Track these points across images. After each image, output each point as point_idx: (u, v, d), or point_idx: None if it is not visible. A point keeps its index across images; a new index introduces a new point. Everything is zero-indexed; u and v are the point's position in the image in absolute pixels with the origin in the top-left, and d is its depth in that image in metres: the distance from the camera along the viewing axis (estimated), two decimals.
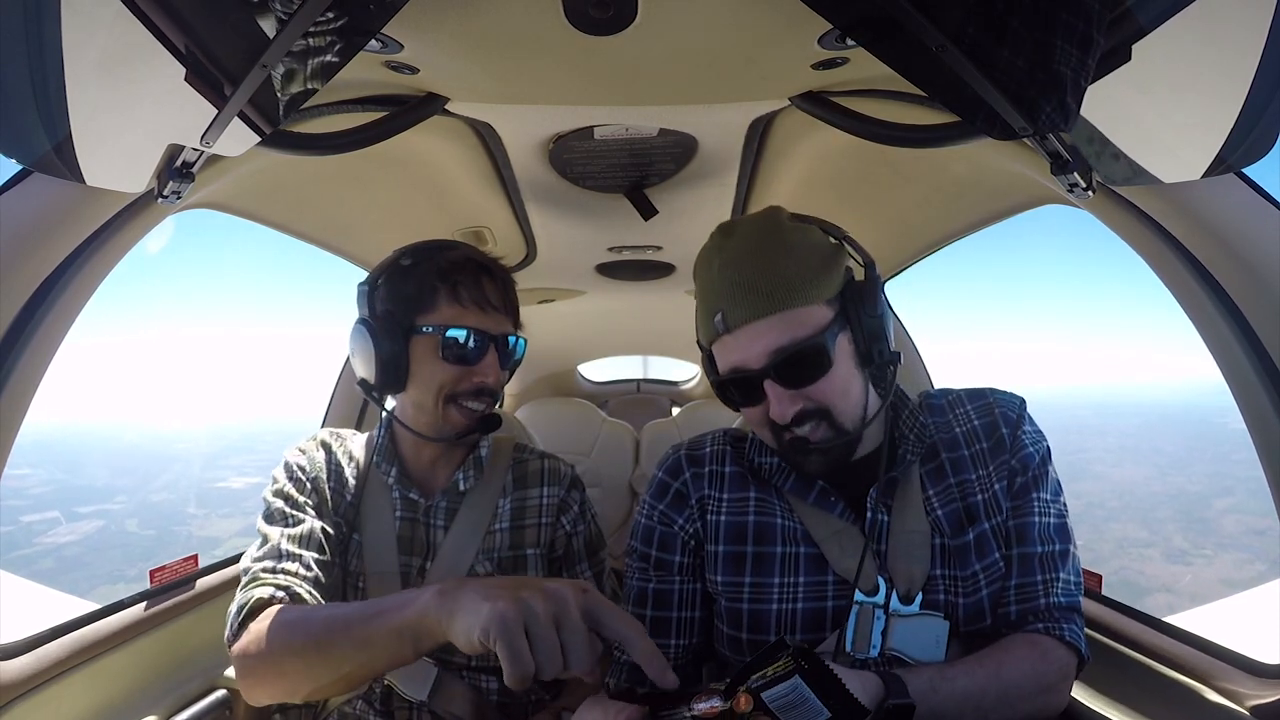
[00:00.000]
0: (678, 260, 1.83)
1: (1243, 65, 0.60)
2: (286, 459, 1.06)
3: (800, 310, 0.83)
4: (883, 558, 0.89)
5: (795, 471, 0.93)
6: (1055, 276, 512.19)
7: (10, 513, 63.65)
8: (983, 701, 0.79)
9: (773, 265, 0.83)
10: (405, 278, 1.03)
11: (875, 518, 0.90)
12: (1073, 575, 0.91)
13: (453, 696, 1.02)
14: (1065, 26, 0.60)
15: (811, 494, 0.93)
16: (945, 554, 0.89)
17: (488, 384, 1.03)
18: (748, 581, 0.92)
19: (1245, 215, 0.82)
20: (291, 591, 0.89)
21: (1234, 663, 0.91)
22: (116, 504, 75.57)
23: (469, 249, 1.08)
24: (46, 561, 55.48)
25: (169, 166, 0.85)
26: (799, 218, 0.90)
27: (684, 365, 3.65)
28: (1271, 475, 0.84)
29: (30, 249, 0.81)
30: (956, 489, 0.92)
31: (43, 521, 63.74)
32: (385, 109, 0.95)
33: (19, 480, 74.98)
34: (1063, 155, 0.84)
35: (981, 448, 0.94)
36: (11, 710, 0.90)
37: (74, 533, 62.14)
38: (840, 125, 0.96)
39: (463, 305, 1.01)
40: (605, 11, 0.72)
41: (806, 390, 0.84)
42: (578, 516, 1.15)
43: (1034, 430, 0.95)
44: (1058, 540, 0.91)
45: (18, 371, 0.82)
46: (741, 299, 0.83)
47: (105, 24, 0.60)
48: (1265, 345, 0.83)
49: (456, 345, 1.00)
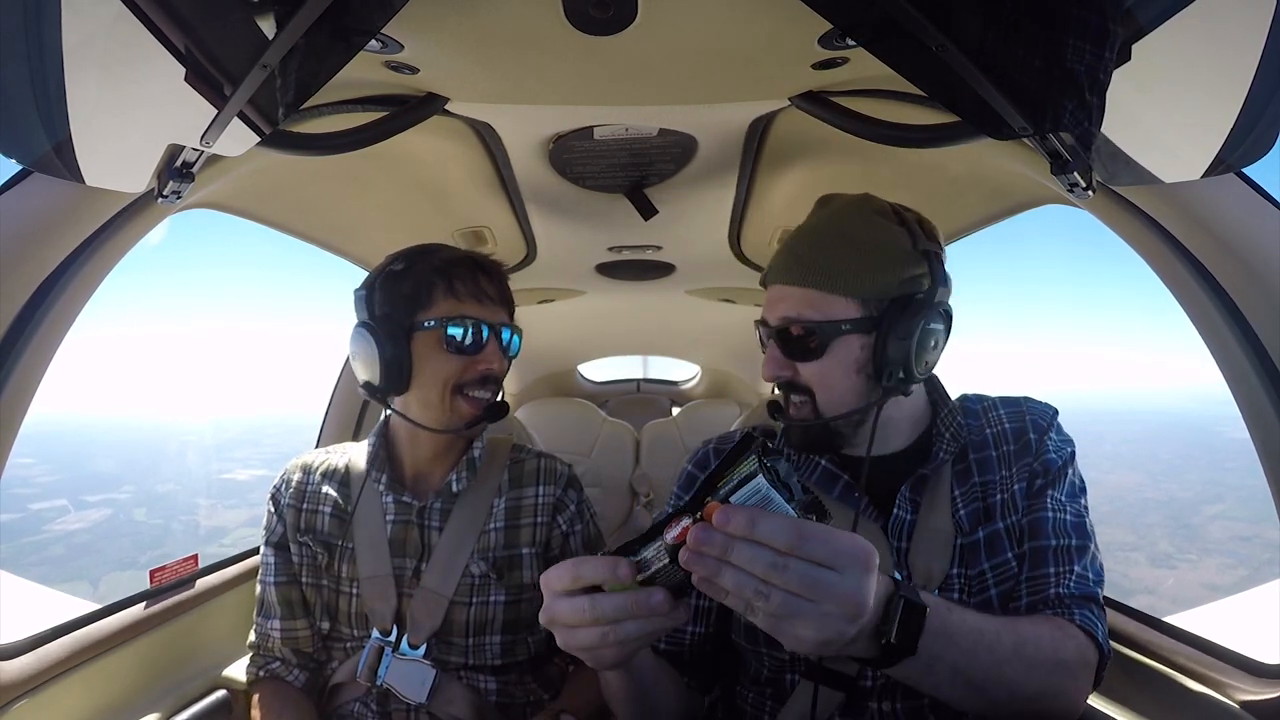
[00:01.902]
0: (678, 260, 1.83)
1: (1243, 65, 0.60)
2: (273, 486, 1.14)
3: (822, 295, 0.88)
4: (903, 555, 0.89)
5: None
6: (1058, 279, 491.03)
7: (18, 500, 65.74)
8: (997, 645, 0.72)
9: (823, 245, 0.89)
10: (401, 279, 1.04)
11: (900, 515, 0.90)
12: (1090, 572, 0.87)
13: (451, 698, 1.03)
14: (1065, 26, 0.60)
15: (836, 488, 0.94)
16: (962, 554, 0.90)
17: (493, 371, 1.05)
18: None
19: (1245, 215, 0.82)
20: (271, 668, 1.10)
21: (1234, 663, 0.91)
22: (124, 493, 77.03)
23: (459, 250, 1.11)
24: (57, 548, 56.84)
25: (169, 166, 0.85)
26: (899, 215, 0.91)
27: (684, 365, 3.65)
28: (1272, 476, 0.84)
29: (30, 249, 0.81)
30: (980, 489, 0.92)
31: (51, 509, 65.13)
32: (385, 109, 0.95)
33: (24, 469, 76.20)
34: (1063, 155, 0.83)
35: (1008, 450, 0.95)
36: (11, 710, 0.90)
37: (83, 520, 63.37)
38: (840, 125, 0.96)
39: (460, 299, 1.04)
40: (605, 11, 0.72)
41: (797, 365, 0.90)
42: (574, 515, 1.15)
43: (1060, 438, 0.95)
44: (1074, 536, 0.88)
45: (18, 371, 0.82)
46: (786, 262, 0.91)
47: (105, 24, 0.60)
48: (1265, 345, 0.83)
49: (459, 336, 1.02)
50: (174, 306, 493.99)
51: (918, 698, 0.88)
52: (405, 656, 1.03)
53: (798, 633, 0.55)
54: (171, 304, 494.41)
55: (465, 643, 1.05)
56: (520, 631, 1.09)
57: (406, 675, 1.02)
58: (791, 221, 1.47)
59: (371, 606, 1.04)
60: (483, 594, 1.06)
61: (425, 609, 1.04)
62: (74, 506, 67.04)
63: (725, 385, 3.41)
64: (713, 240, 1.60)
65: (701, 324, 2.72)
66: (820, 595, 0.53)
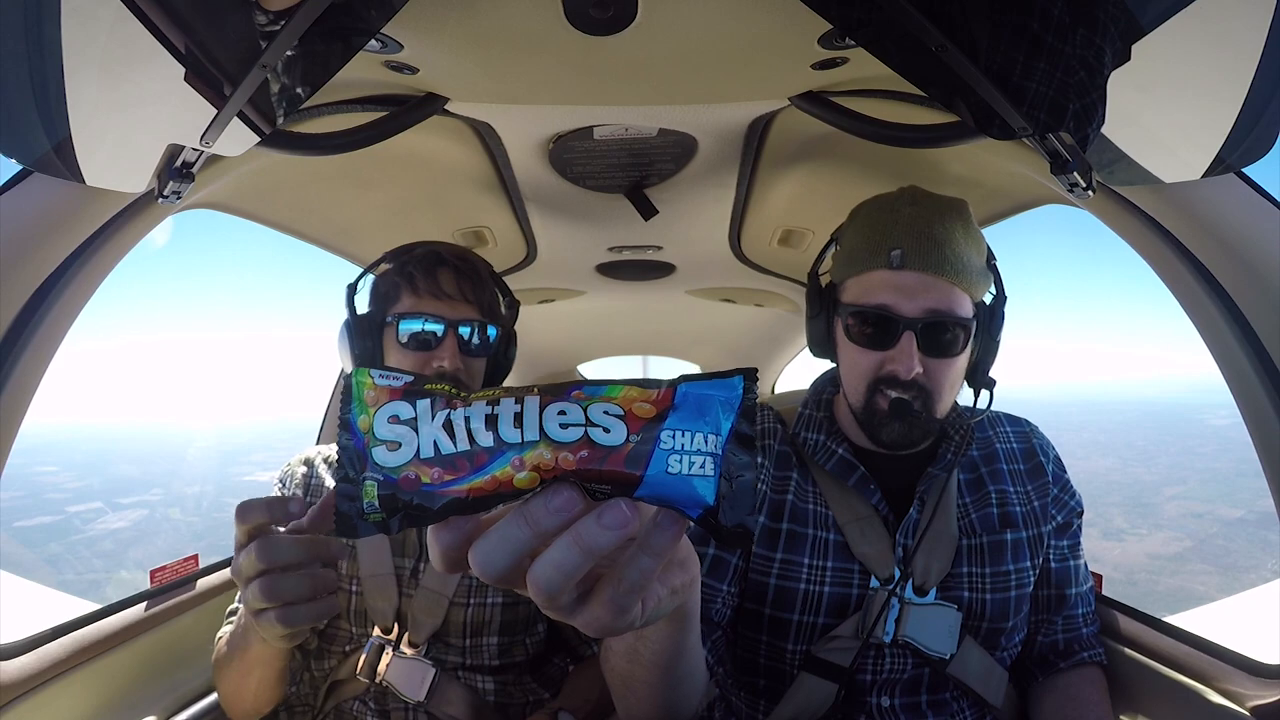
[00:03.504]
0: (678, 260, 1.82)
1: (1243, 65, 0.60)
2: (276, 480, 1.15)
3: (963, 292, 0.88)
4: (907, 551, 0.90)
5: (871, 437, 0.93)
6: (1054, 275, 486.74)
7: (54, 504, 71.36)
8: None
9: (960, 241, 0.88)
10: (380, 279, 1.08)
11: (912, 514, 0.92)
12: (1093, 605, 1.05)
13: (449, 698, 1.03)
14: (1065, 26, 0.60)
15: (853, 477, 0.94)
16: (973, 553, 0.92)
17: (445, 368, 1.03)
18: (778, 557, 0.92)
19: (1245, 215, 0.82)
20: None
21: (1234, 663, 0.91)
22: (154, 495, 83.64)
23: (439, 246, 1.11)
24: (106, 543, 63.07)
25: (169, 166, 0.85)
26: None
27: (684, 365, 3.64)
28: (1271, 475, 0.84)
29: (30, 249, 0.81)
30: (994, 496, 0.97)
31: (88, 511, 70.70)
32: (385, 109, 0.95)
33: (51, 476, 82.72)
34: (1063, 155, 0.83)
35: (1019, 468, 1.01)
36: (11, 710, 0.90)
37: (123, 519, 69.59)
38: (840, 125, 0.96)
39: (418, 295, 1.04)
40: (605, 11, 0.72)
41: (930, 362, 0.87)
42: None
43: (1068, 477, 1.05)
44: (1088, 579, 1.05)
45: (18, 371, 0.82)
46: (930, 249, 0.86)
47: (105, 24, 0.60)
48: (1265, 345, 0.83)
49: (411, 331, 1.03)
50: (179, 313, 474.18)
51: (915, 693, 0.89)
52: (405, 655, 1.03)
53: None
54: (177, 311, 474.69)
55: (462, 643, 1.05)
56: (518, 633, 1.09)
57: (406, 674, 1.02)
58: (792, 222, 1.47)
59: (373, 604, 1.04)
60: (480, 594, 1.06)
61: (426, 608, 1.04)
62: (110, 508, 71.30)
63: None
64: (713, 240, 1.60)
65: (702, 324, 2.72)
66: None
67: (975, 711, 0.92)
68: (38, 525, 63.05)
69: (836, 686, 0.87)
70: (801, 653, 0.90)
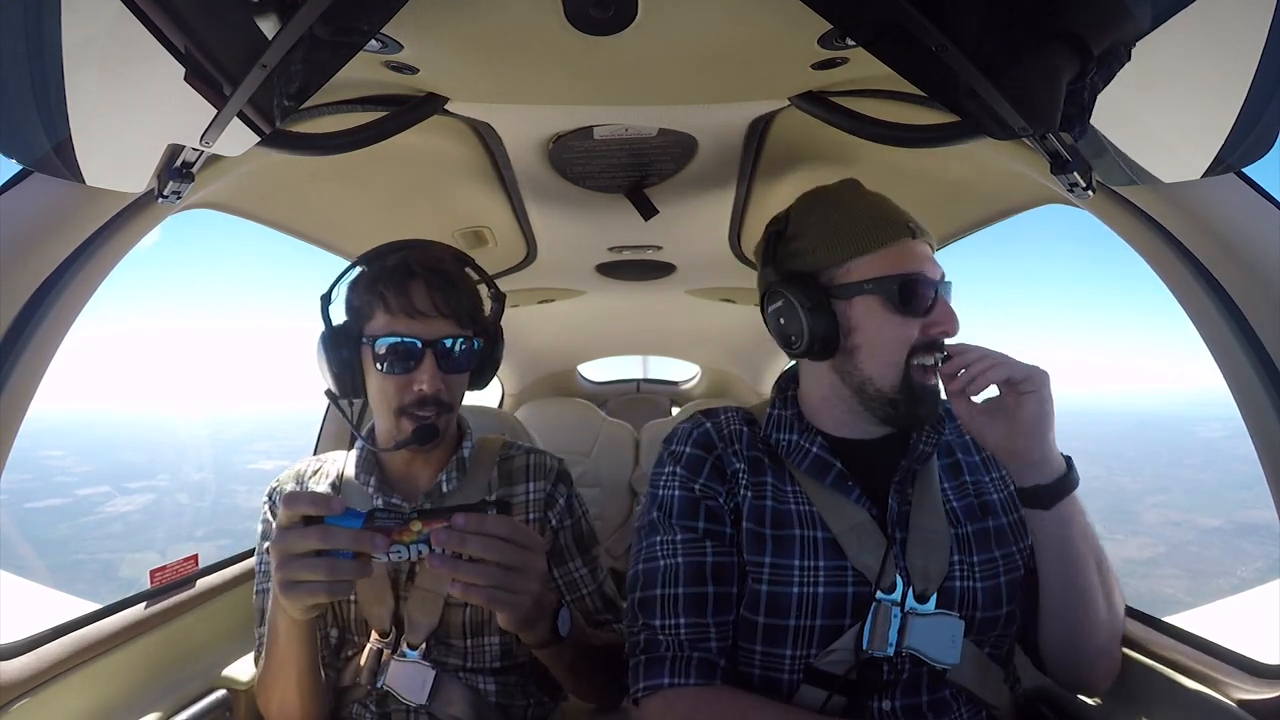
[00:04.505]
0: (678, 260, 1.83)
1: (1243, 65, 0.60)
2: (266, 495, 1.13)
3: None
4: (902, 547, 0.89)
5: (906, 417, 0.91)
6: (1057, 280, 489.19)
7: (64, 487, 72.61)
8: (1099, 552, 0.89)
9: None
10: (354, 287, 1.04)
11: (897, 507, 0.90)
12: None
13: (451, 699, 1.02)
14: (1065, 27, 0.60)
15: (829, 476, 0.92)
16: (961, 541, 0.91)
17: (425, 392, 0.99)
18: (768, 562, 0.89)
19: (1245, 215, 0.82)
20: None
21: (1234, 663, 0.91)
22: (161, 481, 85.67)
23: (410, 254, 1.03)
24: (116, 525, 64.80)
25: (169, 166, 0.85)
26: None
27: (684, 365, 3.65)
28: (1271, 475, 0.84)
29: (30, 249, 0.81)
30: (971, 486, 0.97)
31: (97, 494, 72.19)
32: (385, 109, 0.95)
33: (58, 460, 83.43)
34: (1063, 155, 0.84)
35: (975, 460, 1.01)
36: (11, 710, 0.90)
37: (131, 504, 71.58)
38: (840, 125, 0.96)
39: (391, 313, 0.99)
40: (605, 11, 0.72)
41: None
42: (564, 511, 1.13)
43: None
44: None
45: (18, 371, 0.82)
46: (911, 220, 0.92)
47: (105, 24, 0.60)
48: (1265, 345, 0.83)
49: (385, 354, 0.99)
50: (180, 304, 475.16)
51: (916, 695, 0.88)
52: (404, 658, 1.03)
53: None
54: (177, 302, 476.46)
55: (463, 644, 1.05)
56: None
57: (406, 677, 1.02)
58: None
59: (369, 610, 1.04)
60: None
61: (421, 608, 1.03)
62: (119, 492, 72.81)
63: (725, 385, 3.42)
64: (713, 240, 1.60)
65: (701, 324, 2.72)
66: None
67: (974, 709, 0.92)
68: (48, 507, 64.43)
69: (841, 698, 0.87)
70: (801, 659, 0.89)
